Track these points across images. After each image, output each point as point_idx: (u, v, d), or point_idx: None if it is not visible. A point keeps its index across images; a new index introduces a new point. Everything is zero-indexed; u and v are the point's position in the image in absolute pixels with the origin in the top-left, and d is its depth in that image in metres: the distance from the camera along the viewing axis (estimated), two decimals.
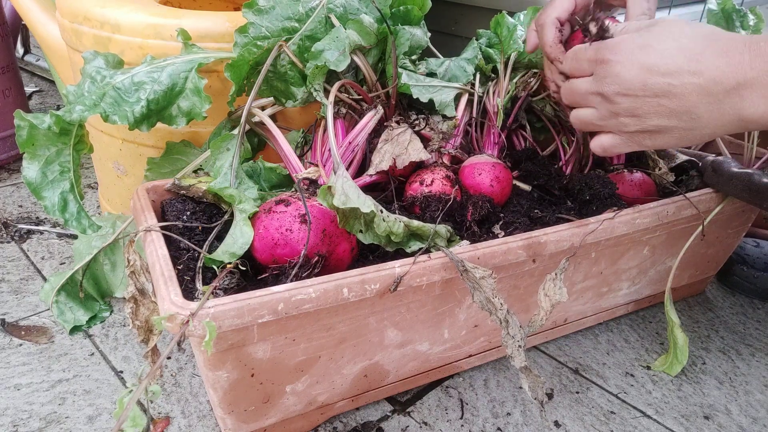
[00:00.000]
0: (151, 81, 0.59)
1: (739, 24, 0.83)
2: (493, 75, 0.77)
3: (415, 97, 0.68)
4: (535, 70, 0.76)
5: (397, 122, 0.65)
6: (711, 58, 0.47)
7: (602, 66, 0.52)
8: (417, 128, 0.66)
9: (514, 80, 0.75)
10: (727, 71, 0.47)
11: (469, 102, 0.74)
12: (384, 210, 0.52)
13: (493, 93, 0.74)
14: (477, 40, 0.79)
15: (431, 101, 0.69)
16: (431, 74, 0.74)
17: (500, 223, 0.61)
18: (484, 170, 0.65)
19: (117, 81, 0.58)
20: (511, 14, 0.78)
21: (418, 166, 0.66)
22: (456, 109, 0.72)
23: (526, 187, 0.69)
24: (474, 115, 0.73)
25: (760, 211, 0.84)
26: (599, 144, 0.55)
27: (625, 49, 0.50)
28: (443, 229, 0.55)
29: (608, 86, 0.51)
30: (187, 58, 0.62)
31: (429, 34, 0.72)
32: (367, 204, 0.49)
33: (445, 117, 0.71)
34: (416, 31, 0.68)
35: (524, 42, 0.75)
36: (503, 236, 0.59)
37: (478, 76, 0.75)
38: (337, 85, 0.60)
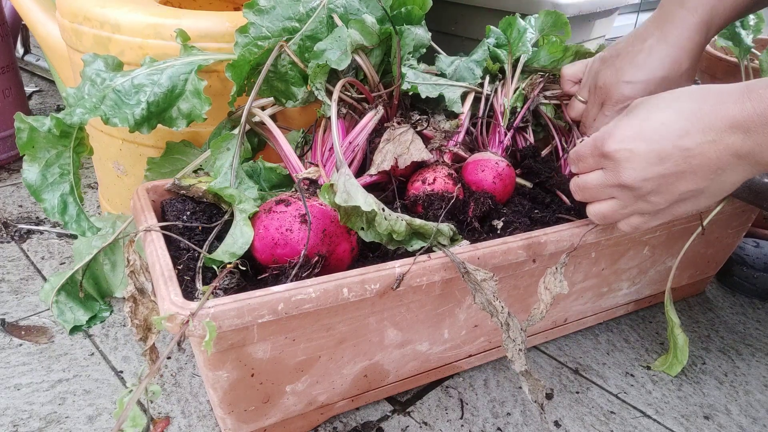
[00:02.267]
0: (150, 83, 0.59)
1: (739, 24, 0.83)
2: (500, 75, 0.77)
3: (423, 96, 0.68)
4: (542, 73, 0.77)
5: (399, 122, 0.65)
6: (711, 113, 0.46)
7: (610, 158, 0.50)
8: (419, 128, 0.66)
9: (523, 82, 0.75)
10: (734, 121, 0.45)
11: (474, 101, 0.74)
12: (386, 209, 0.52)
13: (501, 93, 0.74)
14: (486, 38, 0.79)
15: (441, 96, 0.69)
16: (441, 74, 0.74)
17: (502, 219, 0.61)
18: (487, 167, 0.65)
19: (117, 83, 0.58)
20: (523, 16, 0.79)
21: (419, 166, 0.66)
22: (461, 107, 0.72)
23: (528, 184, 0.70)
24: (480, 113, 0.73)
25: (760, 211, 0.84)
26: (630, 227, 0.54)
27: (625, 133, 0.49)
28: (446, 227, 0.55)
29: (627, 175, 0.49)
30: (186, 59, 0.62)
31: (430, 34, 0.72)
32: (368, 202, 0.49)
33: (448, 116, 0.71)
34: (419, 30, 0.68)
35: (534, 46, 0.76)
36: (501, 227, 0.60)
37: (487, 77, 0.75)
38: (340, 83, 0.60)
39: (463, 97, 0.73)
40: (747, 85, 0.46)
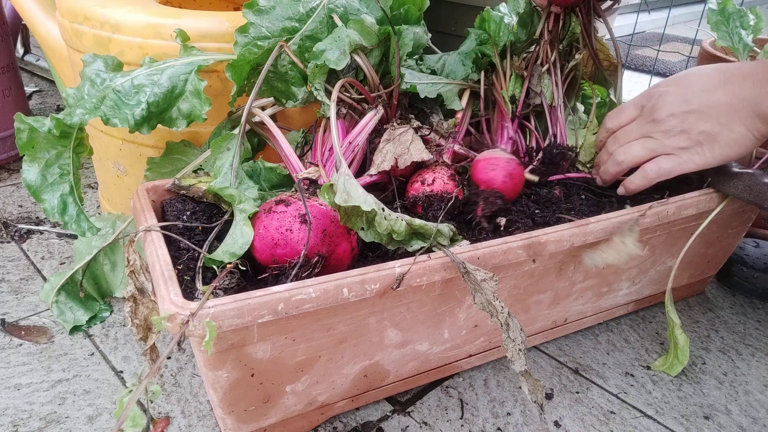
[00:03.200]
0: (150, 84, 0.59)
1: (738, 24, 0.83)
2: (490, 69, 0.77)
3: (422, 96, 0.68)
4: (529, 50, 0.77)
5: (399, 122, 0.65)
6: (731, 69, 0.60)
7: (649, 102, 0.64)
8: (418, 129, 0.66)
9: (516, 63, 0.75)
10: (746, 72, 0.59)
11: (472, 97, 0.74)
12: (386, 209, 0.52)
13: (497, 86, 0.74)
14: (462, 45, 0.79)
15: (440, 96, 0.69)
16: (432, 72, 0.74)
17: (507, 218, 0.61)
18: (498, 165, 0.64)
19: (117, 84, 0.58)
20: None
21: (419, 166, 0.66)
22: (460, 104, 0.72)
23: (534, 178, 0.69)
24: (481, 110, 0.73)
25: (760, 211, 0.84)
26: (658, 167, 0.63)
27: (662, 83, 0.64)
28: (446, 228, 0.55)
29: (659, 111, 0.62)
30: (186, 60, 0.62)
31: (429, 35, 0.72)
32: (368, 202, 0.49)
33: (446, 114, 0.71)
34: (418, 30, 0.68)
35: (514, 29, 0.76)
36: (504, 224, 0.60)
37: (483, 75, 0.75)
38: (339, 83, 0.60)
39: (460, 94, 0.73)
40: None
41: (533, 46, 0.76)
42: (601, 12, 0.73)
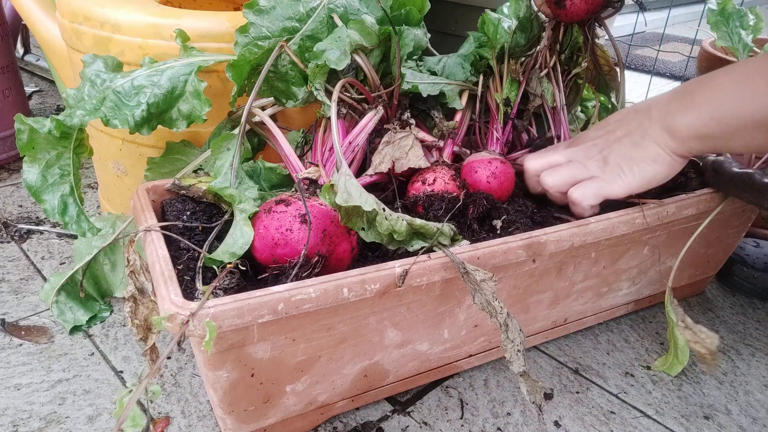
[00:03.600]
0: (151, 84, 0.59)
1: (738, 24, 0.83)
2: (488, 71, 0.77)
3: (425, 94, 0.68)
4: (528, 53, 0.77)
5: (401, 126, 0.65)
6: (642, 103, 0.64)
7: (571, 141, 0.67)
8: (417, 130, 0.66)
9: (514, 67, 0.75)
10: (654, 102, 0.62)
11: (471, 98, 0.74)
12: (386, 208, 0.52)
13: (492, 88, 0.74)
14: (466, 41, 0.79)
15: (441, 93, 0.70)
16: (432, 73, 0.74)
17: (502, 218, 0.61)
18: (480, 167, 0.64)
19: (117, 85, 0.58)
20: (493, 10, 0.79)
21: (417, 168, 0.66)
22: (455, 111, 0.72)
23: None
24: (477, 112, 0.73)
25: (760, 211, 0.84)
26: (581, 193, 0.62)
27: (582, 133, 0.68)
28: (447, 227, 0.55)
29: (582, 136, 0.66)
30: (186, 60, 0.62)
31: (429, 35, 0.72)
32: (369, 202, 0.49)
33: (447, 116, 0.71)
34: (418, 31, 0.68)
35: (513, 32, 0.76)
36: (501, 226, 0.60)
37: (481, 77, 0.75)
38: (340, 83, 0.60)
39: (460, 95, 0.73)
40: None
41: (533, 50, 0.76)
42: (603, 22, 0.73)
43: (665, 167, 0.60)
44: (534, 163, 0.66)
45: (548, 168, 0.65)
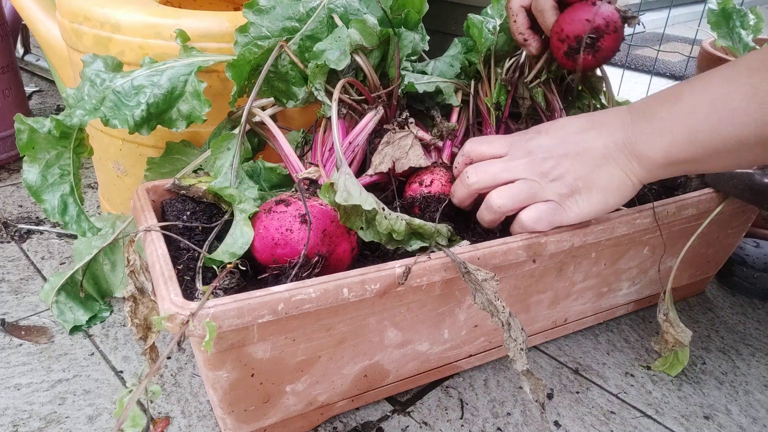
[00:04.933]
0: (150, 84, 0.59)
1: (739, 24, 0.83)
2: (478, 76, 0.77)
3: (421, 90, 0.68)
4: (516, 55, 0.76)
5: (400, 126, 0.65)
6: (605, 115, 0.56)
7: (518, 137, 0.58)
8: (417, 130, 0.66)
9: (501, 72, 0.74)
10: (622, 121, 0.55)
11: (466, 100, 0.74)
12: (385, 208, 0.52)
13: (482, 93, 0.74)
14: (452, 46, 0.78)
15: (438, 90, 0.69)
16: (423, 74, 0.74)
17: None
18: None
19: (117, 85, 0.58)
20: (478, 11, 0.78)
21: (418, 167, 0.66)
22: (452, 110, 0.72)
23: None
24: (470, 115, 0.73)
25: (760, 211, 0.84)
26: (535, 218, 0.56)
27: (537, 132, 0.58)
28: (444, 228, 0.55)
29: (533, 143, 0.56)
30: (186, 61, 0.62)
31: (428, 37, 0.72)
32: (369, 201, 0.49)
33: (445, 115, 0.71)
34: (416, 35, 0.68)
35: (498, 33, 0.74)
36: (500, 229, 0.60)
37: (472, 82, 0.75)
38: (340, 83, 0.60)
39: (456, 93, 0.73)
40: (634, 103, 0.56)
41: (520, 50, 0.75)
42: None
43: (626, 196, 0.55)
44: (477, 176, 0.57)
45: (495, 185, 0.56)
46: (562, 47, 0.58)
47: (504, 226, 0.59)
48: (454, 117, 0.72)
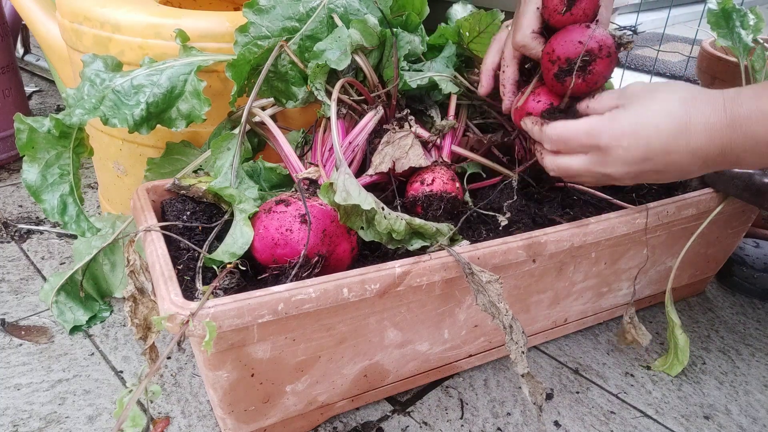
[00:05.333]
0: (150, 84, 0.59)
1: (739, 24, 0.83)
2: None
3: (415, 86, 0.67)
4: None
5: (400, 125, 0.65)
6: (697, 125, 0.50)
7: (603, 150, 0.53)
8: (416, 127, 0.66)
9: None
10: (711, 142, 0.50)
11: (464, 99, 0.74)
12: (385, 207, 0.52)
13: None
14: (446, 46, 0.78)
15: (433, 83, 0.68)
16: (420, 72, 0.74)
17: (506, 215, 0.61)
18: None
19: (116, 84, 0.58)
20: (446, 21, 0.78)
21: (418, 167, 0.66)
22: (448, 107, 0.71)
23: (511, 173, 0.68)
24: (462, 116, 0.73)
25: (760, 211, 0.84)
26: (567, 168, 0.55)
27: (622, 130, 0.52)
28: (445, 227, 0.55)
29: (613, 168, 0.53)
30: (186, 60, 0.62)
31: (427, 38, 0.72)
32: (368, 201, 0.49)
33: (444, 115, 0.71)
34: (414, 38, 0.68)
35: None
36: (504, 224, 0.60)
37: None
38: (340, 83, 0.60)
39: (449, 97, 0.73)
40: (731, 101, 0.49)
41: None
42: None
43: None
44: (553, 164, 0.57)
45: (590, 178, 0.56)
46: (552, 68, 0.56)
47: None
48: (452, 105, 0.72)
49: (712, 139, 0.50)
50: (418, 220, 0.53)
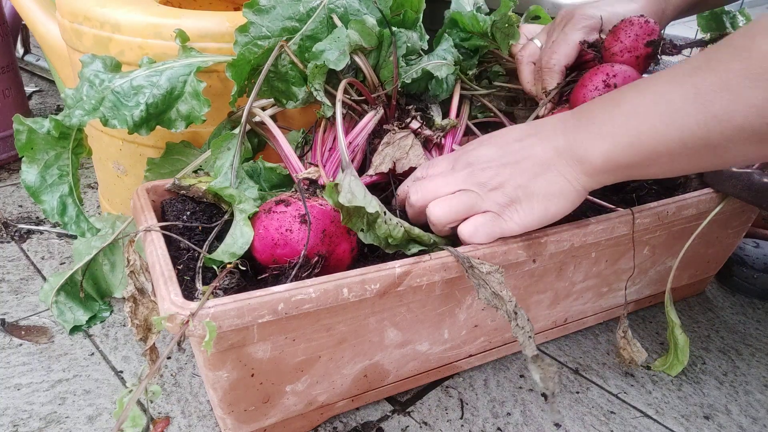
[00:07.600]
0: (150, 85, 0.59)
1: (729, 25, 0.83)
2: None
3: (409, 81, 0.66)
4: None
5: (400, 126, 0.65)
6: (545, 122, 0.55)
7: (460, 151, 0.57)
8: (416, 126, 0.66)
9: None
10: (562, 127, 0.53)
11: (466, 99, 0.74)
12: (387, 212, 0.52)
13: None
14: (442, 41, 0.78)
15: (426, 72, 0.67)
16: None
17: None
18: None
19: (116, 85, 0.58)
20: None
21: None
22: (451, 104, 0.71)
23: None
24: (463, 112, 0.73)
25: (760, 211, 0.84)
26: (474, 228, 0.54)
27: (479, 143, 0.57)
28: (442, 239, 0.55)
29: (473, 154, 0.55)
30: (185, 61, 0.62)
31: (427, 37, 0.71)
32: (372, 204, 0.49)
33: (445, 114, 0.71)
34: (413, 35, 0.68)
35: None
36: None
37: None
38: (343, 83, 0.60)
39: (453, 90, 0.73)
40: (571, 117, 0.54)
41: None
42: None
43: (570, 203, 0.53)
44: (418, 194, 0.56)
45: (434, 198, 0.55)
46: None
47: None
48: (453, 112, 0.72)
49: (559, 121, 0.54)
50: (417, 230, 0.53)
